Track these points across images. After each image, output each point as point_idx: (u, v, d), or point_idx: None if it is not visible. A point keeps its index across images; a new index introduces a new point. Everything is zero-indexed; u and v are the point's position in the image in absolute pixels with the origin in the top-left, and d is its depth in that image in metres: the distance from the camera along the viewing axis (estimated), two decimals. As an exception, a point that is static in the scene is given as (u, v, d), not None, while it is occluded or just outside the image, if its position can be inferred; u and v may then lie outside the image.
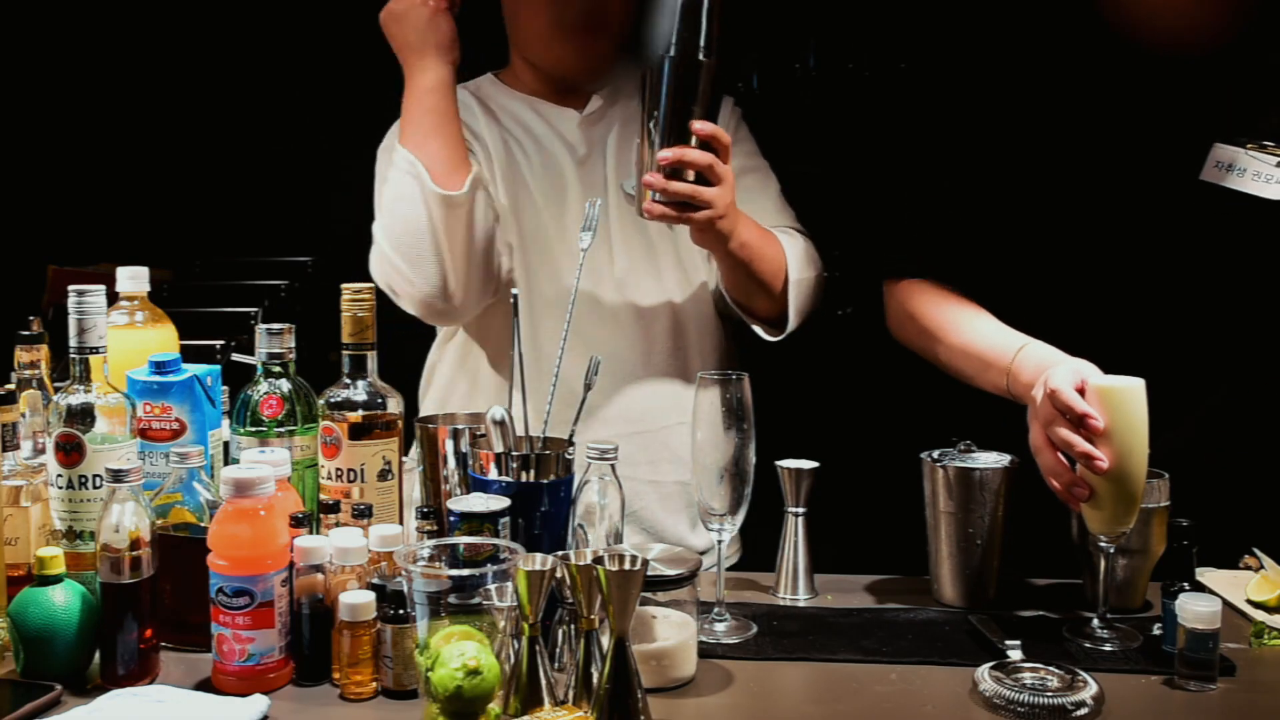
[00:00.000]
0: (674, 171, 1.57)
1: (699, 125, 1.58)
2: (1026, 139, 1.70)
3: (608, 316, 1.81)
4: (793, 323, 1.79)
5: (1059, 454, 1.41)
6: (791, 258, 1.77)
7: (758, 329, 1.82)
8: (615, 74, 1.88)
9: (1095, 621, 1.42)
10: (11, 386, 1.47)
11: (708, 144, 1.58)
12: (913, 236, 1.76)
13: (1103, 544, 1.41)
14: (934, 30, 1.90)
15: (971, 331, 1.64)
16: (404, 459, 1.53)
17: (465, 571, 1.16)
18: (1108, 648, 1.38)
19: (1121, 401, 1.36)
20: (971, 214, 1.73)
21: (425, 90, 1.74)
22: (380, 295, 1.52)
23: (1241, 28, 1.56)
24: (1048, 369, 1.44)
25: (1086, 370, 1.40)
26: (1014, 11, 1.75)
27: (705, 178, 1.58)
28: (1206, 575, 1.56)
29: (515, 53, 1.92)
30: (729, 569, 1.66)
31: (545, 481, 1.38)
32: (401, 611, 1.26)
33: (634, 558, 1.15)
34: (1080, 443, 1.36)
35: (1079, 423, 1.36)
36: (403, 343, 1.81)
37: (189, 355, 1.52)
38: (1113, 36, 1.62)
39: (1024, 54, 1.72)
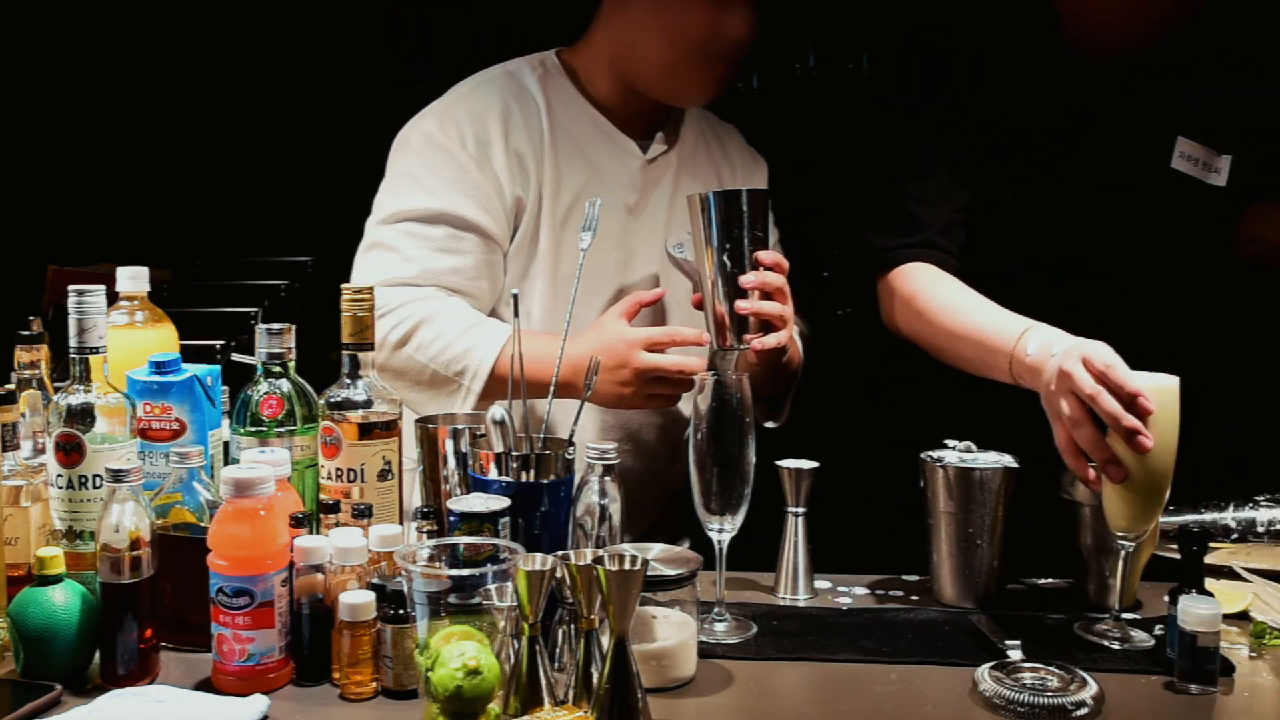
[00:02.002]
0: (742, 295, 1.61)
1: (766, 256, 1.62)
2: (1010, 138, 1.76)
3: None
4: (787, 412, 1.85)
5: (1080, 438, 1.39)
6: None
7: (767, 424, 1.84)
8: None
9: (1108, 621, 1.41)
10: (11, 386, 1.47)
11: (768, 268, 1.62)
12: (908, 223, 1.77)
13: (1122, 541, 1.41)
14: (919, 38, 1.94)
15: (971, 314, 1.64)
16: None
17: (465, 571, 1.16)
18: (1118, 647, 1.38)
19: (1157, 400, 1.35)
20: (964, 203, 1.77)
21: (560, 366, 1.55)
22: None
23: (1172, 36, 1.71)
24: (1065, 347, 1.43)
25: (1106, 351, 1.39)
26: (989, 30, 1.82)
27: (776, 299, 1.62)
28: None
29: (606, 62, 1.81)
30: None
31: (545, 481, 1.38)
32: (401, 611, 1.26)
33: (634, 558, 1.15)
34: (1127, 417, 1.33)
35: (1129, 404, 1.34)
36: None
37: (189, 355, 1.52)
38: (1079, 51, 1.75)
39: (1002, 64, 1.78)
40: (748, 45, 1.73)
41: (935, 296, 1.70)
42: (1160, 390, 1.36)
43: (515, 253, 1.76)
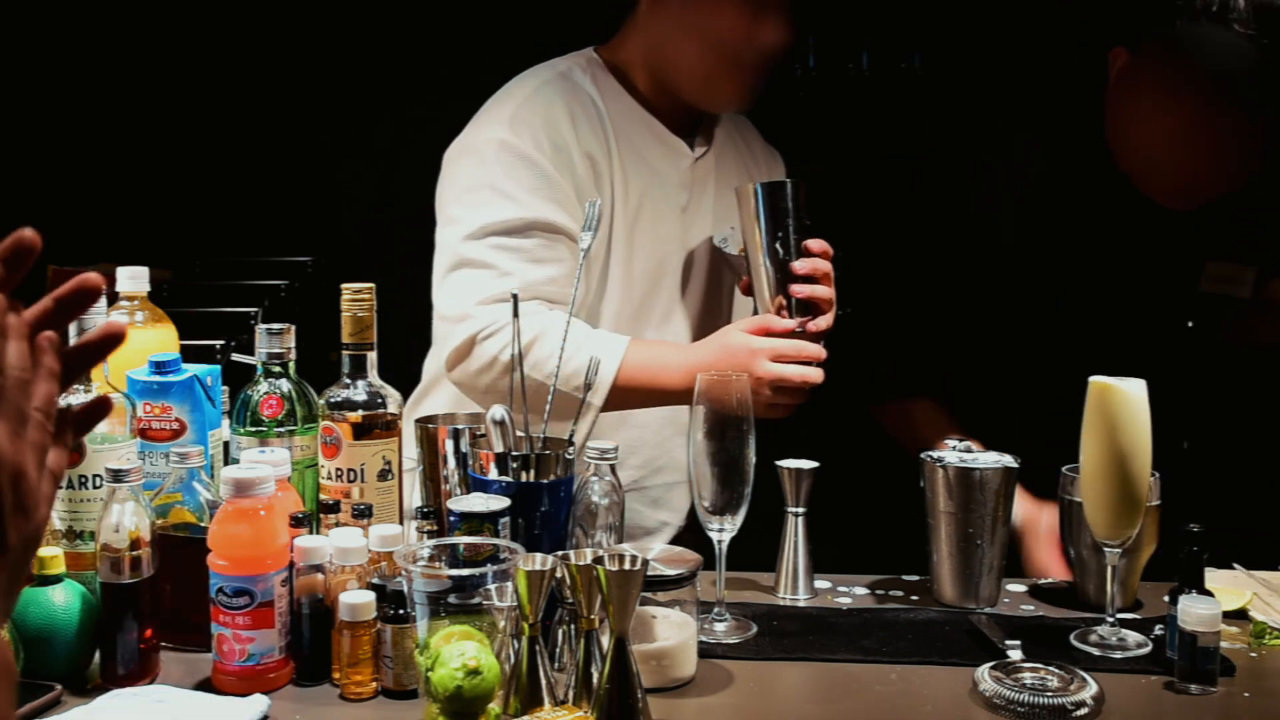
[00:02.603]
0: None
1: (815, 244, 1.67)
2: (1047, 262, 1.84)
3: None
4: None
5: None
6: None
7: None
8: None
9: (1104, 627, 1.41)
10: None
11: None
12: (910, 361, 1.89)
13: (1108, 548, 1.41)
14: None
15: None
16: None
17: (465, 571, 1.16)
18: (1117, 655, 1.38)
19: (1123, 402, 1.35)
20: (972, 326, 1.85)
21: (674, 393, 1.65)
22: (380, 295, 1.52)
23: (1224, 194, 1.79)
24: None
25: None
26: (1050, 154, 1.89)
27: (824, 284, 1.67)
28: None
29: (643, 64, 1.81)
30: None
31: (545, 481, 1.38)
32: (401, 611, 1.26)
33: (634, 558, 1.15)
34: None
35: None
36: (403, 343, 1.81)
37: (189, 355, 1.52)
38: (1122, 179, 1.81)
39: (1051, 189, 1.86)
40: (781, 53, 1.75)
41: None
42: (1124, 391, 1.36)
43: (591, 257, 1.73)
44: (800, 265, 1.64)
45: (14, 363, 0.75)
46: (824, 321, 1.66)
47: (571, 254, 1.69)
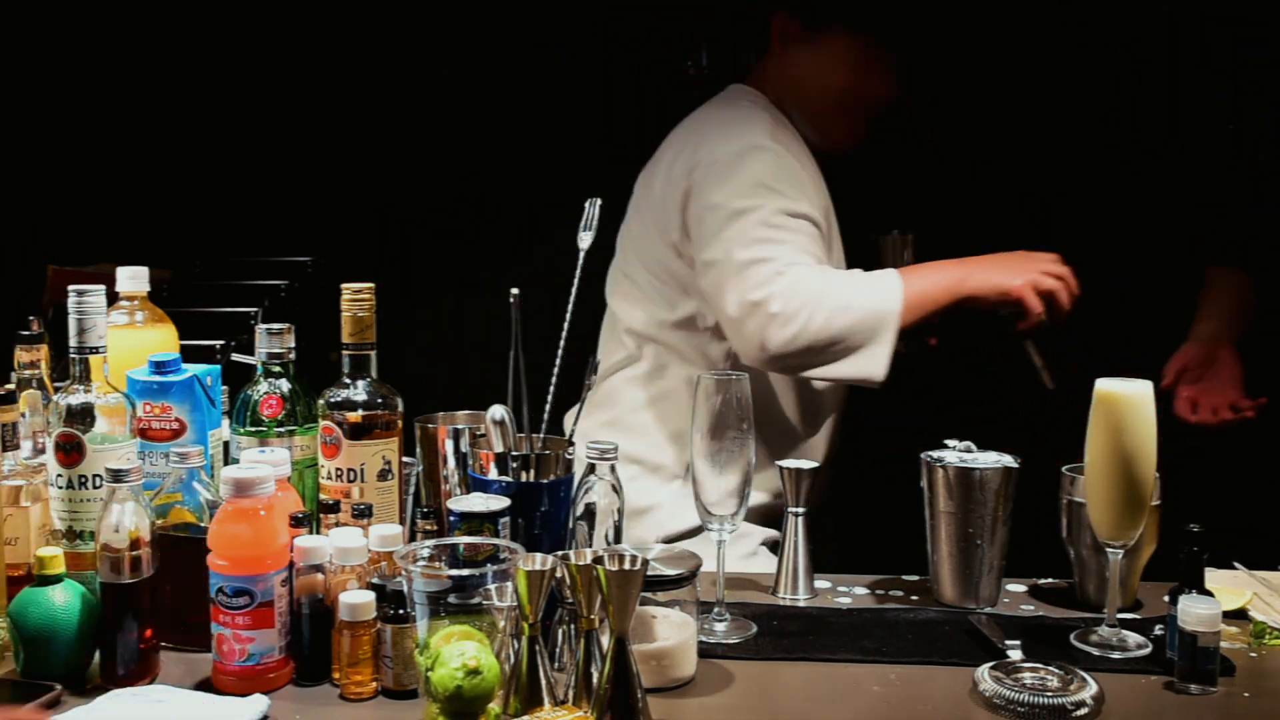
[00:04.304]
0: None
1: None
2: None
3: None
4: None
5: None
6: None
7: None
8: None
9: (1104, 627, 1.41)
10: (11, 386, 1.47)
11: None
12: None
13: (1110, 549, 1.41)
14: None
15: None
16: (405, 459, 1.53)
17: (465, 571, 1.16)
18: (1117, 655, 1.38)
19: (1129, 405, 1.35)
20: None
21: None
22: (380, 295, 1.52)
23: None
24: None
25: None
26: None
27: None
28: None
29: (776, 102, 2.00)
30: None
31: (545, 481, 1.38)
32: (401, 611, 1.26)
33: (634, 558, 1.15)
34: None
35: None
36: (403, 343, 1.81)
37: (189, 355, 1.52)
38: None
39: None
40: (890, 103, 1.96)
41: None
42: (1130, 394, 1.36)
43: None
44: None
45: None
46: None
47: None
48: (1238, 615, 1.47)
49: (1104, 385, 1.37)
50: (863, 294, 1.79)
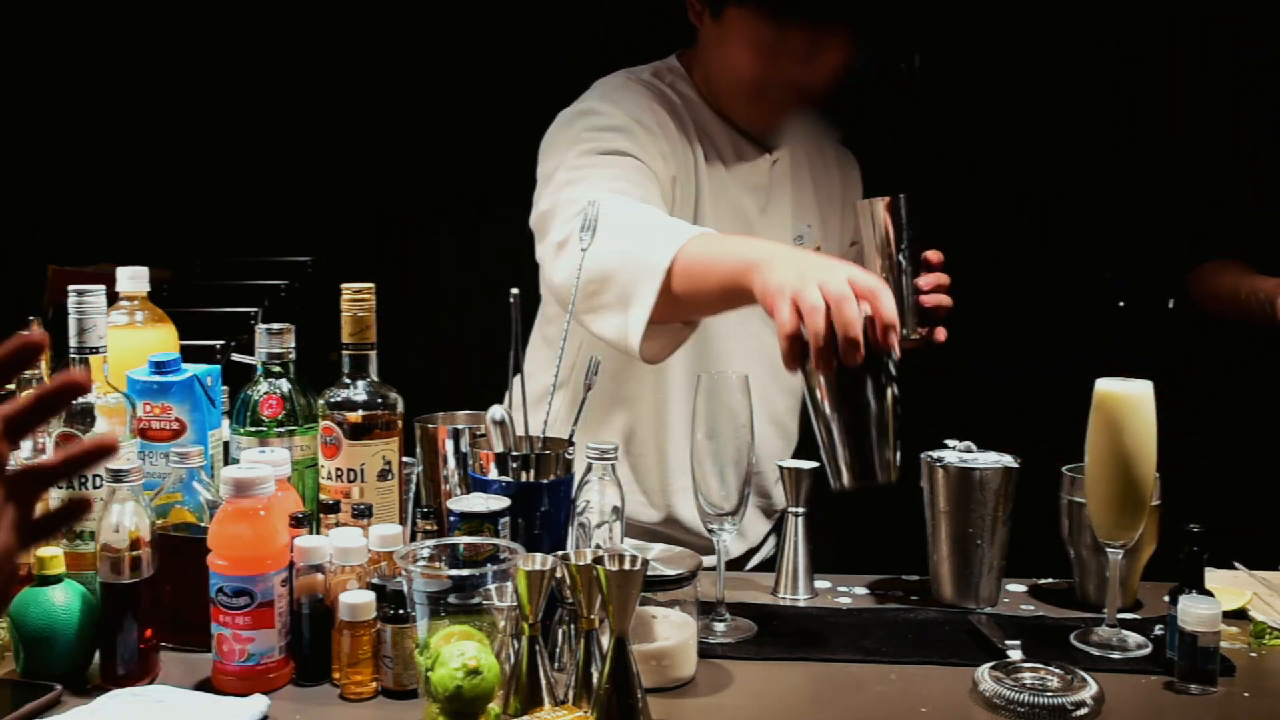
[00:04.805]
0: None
1: (934, 255, 1.64)
2: None
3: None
4: None
5: None
6: None
7: None
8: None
9: (1104, 627, 1.41)
10: (11, 386, 1.47)
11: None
12: None
13: (1109, 549, 1.41)
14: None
15: None
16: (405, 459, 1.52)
17: (465, 571, 1.16)
18: (1117, 655, 1.38)
19: (1130, 405, 1.35)
20: None
21: (749, 285, 1.37)
22: (380, 295, 1.52)
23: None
24: None
25: None
26: None
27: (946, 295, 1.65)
28: None
29: (704, 78, 1.85)
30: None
31: (545, 481, 1.38)
32: (401, 611, 1.26)
33: (634, 558, 1.15)
34: None
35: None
36: (403, 343, 1.81)
37: (189, 355, 1.52)
38: None
39: None
40: (815, 87, 1.78)
41: None
42: (1130, 395, 1.36)
43: None
44: (925, 280, 1.63)
45: None
46: (942, 333, 1.64)
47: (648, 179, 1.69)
48: (1238, 615, 1.47)
49: (1104, 385, 1.37)
50: (640, 237, 1.49)
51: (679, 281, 1.45)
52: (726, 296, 1.43)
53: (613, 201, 1.54)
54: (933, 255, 1.65)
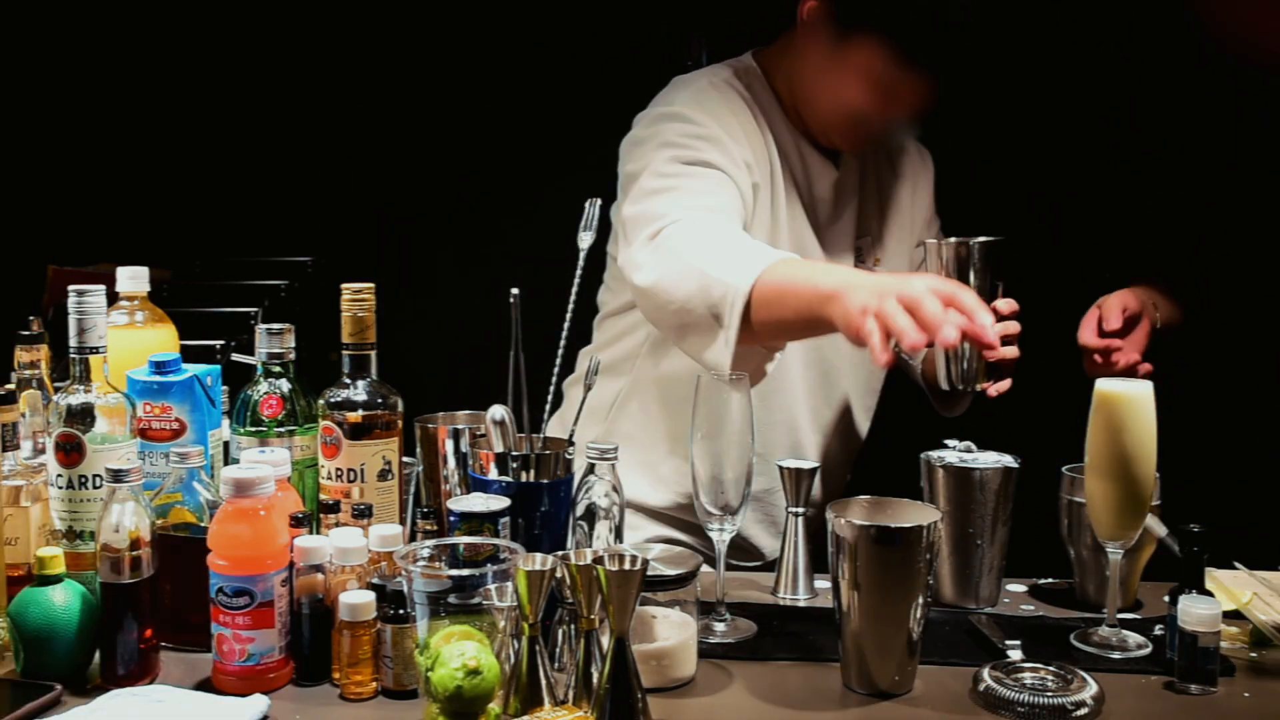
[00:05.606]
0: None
1: (1005, 305, 1.60)
2: None
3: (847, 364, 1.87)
4: None
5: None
6: None
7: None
8: None
9: (1104, 627, 1.41)
10: (11, 386, 1.47)
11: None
12: None
13: (1110, 549, 1.41)
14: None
15: None
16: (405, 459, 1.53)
17: (465, 571, 1.16)
18: (1117, 655, 1.38)
19: (1130, 405, 1.35)
20: None
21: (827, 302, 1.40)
22: (380, 295, 1.52)
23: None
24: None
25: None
26: None
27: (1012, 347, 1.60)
28: None
29: (787, 87, 1.83)
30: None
31: (545, 481, 1.38)
32: (401, 611, 1.26)
33: (634, 558, 1.15)
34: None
35: None
36: (403, 343, 1.81)
37: (189, 355, 1.52)
38: None
39: None
40: (903, 120, 1.78)
41: None
42: (1131, 396, 1.36)
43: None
44: (995, 328, 1.48)
45: None
46: (1006, 384, 1.61)
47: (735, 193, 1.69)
48: (1238, 615, 1.46)
49: (1104, 385, 1.38)
50: (720, 262, 1.50)
51: (758, 311, 1.47)
52: (805, 326, 1.47)
53: (695, 223, 1.58)
54: (1003, 305, 1.60)
